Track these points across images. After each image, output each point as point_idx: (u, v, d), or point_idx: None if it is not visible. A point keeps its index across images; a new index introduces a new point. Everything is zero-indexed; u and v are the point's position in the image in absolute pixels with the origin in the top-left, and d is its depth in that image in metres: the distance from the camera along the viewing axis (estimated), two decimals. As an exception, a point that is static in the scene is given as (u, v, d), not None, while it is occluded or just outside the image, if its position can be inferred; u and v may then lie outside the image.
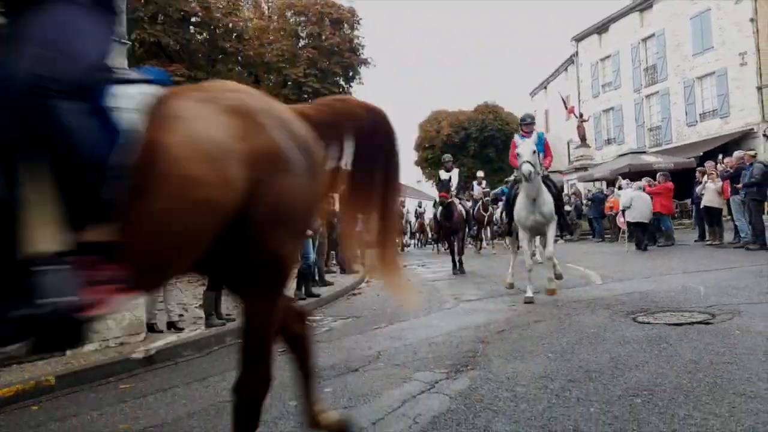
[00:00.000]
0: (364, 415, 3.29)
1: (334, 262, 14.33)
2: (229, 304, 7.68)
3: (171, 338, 5.93)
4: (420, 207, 30.22)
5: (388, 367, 4.41)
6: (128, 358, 5.20)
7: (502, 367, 4.13)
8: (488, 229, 19.14)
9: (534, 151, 6.77)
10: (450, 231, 12.25)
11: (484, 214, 17.79)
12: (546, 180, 7.37)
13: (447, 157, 13.03)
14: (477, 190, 18.89)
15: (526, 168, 6.56)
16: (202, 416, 3.62)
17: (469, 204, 19.97)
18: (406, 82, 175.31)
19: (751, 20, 24.59)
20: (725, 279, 7.36)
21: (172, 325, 6.34)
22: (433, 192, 34.27)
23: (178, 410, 3.82)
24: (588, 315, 5.79)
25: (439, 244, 21.50)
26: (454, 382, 3.85)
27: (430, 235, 29.86)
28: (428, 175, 45.61)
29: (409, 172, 46.67)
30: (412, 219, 29.29)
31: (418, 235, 30.19)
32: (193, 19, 15.88)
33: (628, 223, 14.49)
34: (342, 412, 2.98)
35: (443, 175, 12.19)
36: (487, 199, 18.10)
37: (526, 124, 8.09)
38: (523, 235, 7.47)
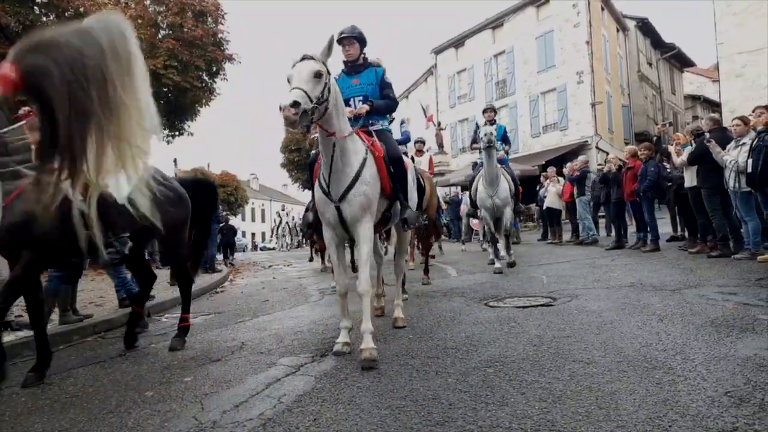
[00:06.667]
0: (227, 399, 3.22)
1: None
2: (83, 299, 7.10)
3: (8, 338, 5.32)
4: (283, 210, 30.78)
5: (252, 355, 4.33)
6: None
7: (366, 349, 4.23)
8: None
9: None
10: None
11: None
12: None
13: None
14: None
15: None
16: (44, 412, 3.31)
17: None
18: (272, 82, 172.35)
19: (587, 42, 27.42)
20: (564, 270, 8.11)
21: (7, 325, 5.70)
22: (303, 196, 34.64)
23: (16, 408, 3.46)
24: (445, 302, 6.10)
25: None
26: (320, 364, 3.89)
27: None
28: (295, 177, 45.02)
29: (276, 175, 45.67)
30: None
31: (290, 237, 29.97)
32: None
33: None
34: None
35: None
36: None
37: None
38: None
